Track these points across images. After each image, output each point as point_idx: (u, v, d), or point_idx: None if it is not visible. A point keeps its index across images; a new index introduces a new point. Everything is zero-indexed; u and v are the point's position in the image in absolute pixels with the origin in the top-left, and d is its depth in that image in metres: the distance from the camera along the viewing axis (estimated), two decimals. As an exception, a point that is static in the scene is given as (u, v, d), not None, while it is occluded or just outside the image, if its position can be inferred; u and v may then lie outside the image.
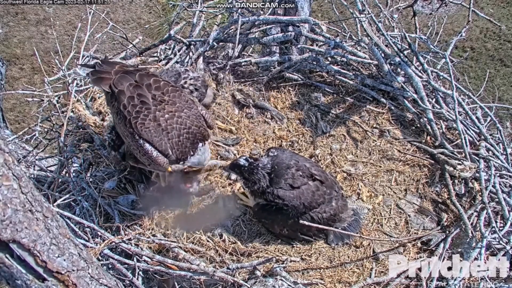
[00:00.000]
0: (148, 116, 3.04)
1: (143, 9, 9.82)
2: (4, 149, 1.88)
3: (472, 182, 3.71)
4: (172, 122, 3.07)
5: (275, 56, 4.44)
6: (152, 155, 3.02)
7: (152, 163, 3.07)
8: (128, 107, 3.05)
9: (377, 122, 4.16)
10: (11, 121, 7.52)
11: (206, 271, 2.99)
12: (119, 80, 3.13)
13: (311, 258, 3.29)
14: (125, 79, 3.14)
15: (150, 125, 3.03)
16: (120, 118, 3.10)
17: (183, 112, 3.14)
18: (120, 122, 3.13)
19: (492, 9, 9.50)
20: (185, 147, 3.11)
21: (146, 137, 3.01)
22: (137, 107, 3.04)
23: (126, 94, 3.07)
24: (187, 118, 3.14)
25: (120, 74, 3.16)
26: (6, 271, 1.98)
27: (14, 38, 9.19)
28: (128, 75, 3.17)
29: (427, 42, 4.23)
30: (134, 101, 3.05)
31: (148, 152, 3.02)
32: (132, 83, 3.12)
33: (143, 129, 3.01)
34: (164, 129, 3.04)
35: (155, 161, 3.04)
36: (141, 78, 3.16)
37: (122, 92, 3.08)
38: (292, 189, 3.20)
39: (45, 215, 2.07)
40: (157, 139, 3.03)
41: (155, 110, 3.06)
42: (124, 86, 3.10)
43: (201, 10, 4.53)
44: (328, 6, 9.25)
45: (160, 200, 3.47)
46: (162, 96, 3.12)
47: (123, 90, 3.08)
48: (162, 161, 3.06)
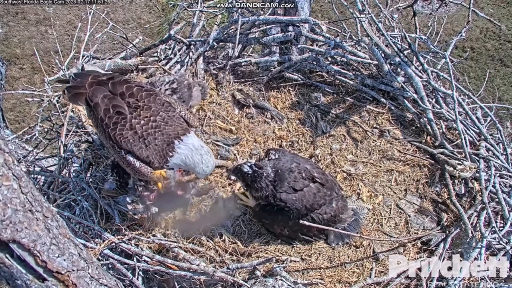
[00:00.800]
0: (125, 125, 2.96)
1: (143, 9, 9.82)
2: (4, 149, 1.88)
3: (472, 182, 3.71)
4: (147, 127, 2.98)
5: (275, 56, 4.44)
6: (135, 165, 2.95)
7: (137, 173, 3.01)
8: (105, 119, 2.97)
9: (377, 122, 4.16)
10: (11, 120, 7.52)
11: (206, 271, 2.99)
12: (93, 93, 3.05)
13: (311, 258, 3.29)
14: (99, 90, 3.06)
15: (128, 135, 2.95)
16: (100, 132, 3.06)
17: (159, 116, 3.04)
18: (101, 135, 3.09)
19: (492, 9, 9.50)
20: (162, 150, 2.99)
21: (126, 147, 2.95)
22: (113, 119, 2.97)
23: (101, 106, 3.00)
24: (162, 121, 3.03)
25: (94, 86, 3.08)
26: (6, 271, 1.98)
27: (14, 38, 9.19)
28: (101, 86, 3.09)
29: (427, 42, 4.23)
30: (110, 113, 2.98)
31: (131, 163, 2.95)
32: (107, 94, 3.04)
33: (122, 139, 2.94)
34: (140, 136, 2.96)
35: (139, 171, 2.97)
36: (114, 87, 3.08)
37: (97, 105, 3.01)
38: (294, 192, 3.21)
39: (45, 215, 2.06)
40: (136, 148, 2.95)
41: (131, 118, 2.98)
42: (98, 98, 3.02)
43: (201, 10, 4.52)
44: (328, 6, 9.25)
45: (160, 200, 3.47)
46: (136, 103, 3.03)
47: (98, 102, 3.01)
48: (145, 170, 2.98)
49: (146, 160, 2.97)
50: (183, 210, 3.53)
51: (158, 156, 2.98)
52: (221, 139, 3.97)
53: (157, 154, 2.98)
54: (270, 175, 3.20)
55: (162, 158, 2.99)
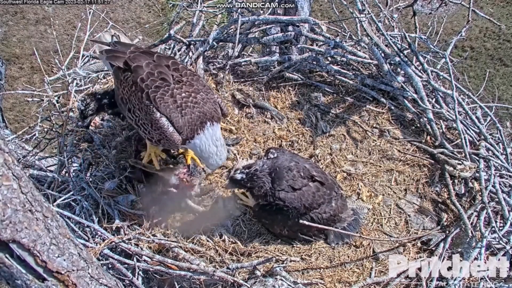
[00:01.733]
0: (167, 92, 3.05)
1: (142, 9, 9.82)
2: (4, 149, 1.88)
3: (472, 182, 3.71)
4: (187, 100, 3.07)
5: (275, 56, 4.44)
6: (168, 130, 3.01)
7: (165, 138, 3.04)
8: (146, 80, 3.06)
9: (377, 122, 4.15)
10: (10, 120, 7.52)
11: (206, 271, 2.99)
12: (135, 57, 3.18)
13: (311, 258, 3.29)
14: (143, 57, 3.19)
15: (168, 101, 3.04)
16: (135, 91, 3.10)
17: (199, 95, 3.15)
18: (133, 95, 3.12)
19: (491, 8, 9.50)
20: (195, 124, 3.07)
21: (164, 111, 3.02)
22: (156, 82, 3.07)
23: (144, 69, 3.10)
24: (202, 100, 3.14)
25: (136, 53, 3.23)
26: (6, 271, 1.98)
27: (14, 38, 9.18)
28: (145, 55, 3.23)
29: (427, 41, 4.23)
30: (154, 76, 3.08)
31: (164, 126, 3.01)
32: (151, 62, 3.16)
33: (162, 103, 3.02)
34: (179, 105, 3.05)
35: (169, 136, 3.02)
36: (159, 59, 3.21)
37: (140, 67, 3.11)
38: (293, 191, 3.20)
39: (45, 215, 2.06)
40: (174, 114, 3.03)
41: (173, 87, 3.08)
42: (142, 62, 3.13)
43: (201, 10, 4.52)
44: (328, 5, 9.25)
45: (160, 201, 3.47)
46: (180, 77, 3.16)
47: (141, 65, 3.12)
48: (176, 138, 3.04)
49: (180, 130, 3.04)
50: (183, 210, 3.53)
51: (189, 129, 3.06)
52: (221, 139, 3.97)
53: (189, 127, 3.06)
54: (264, 168, 3.19)
55: (191, 132, 3.06)
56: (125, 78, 3.18)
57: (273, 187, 3.19)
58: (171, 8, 9.01)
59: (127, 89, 3.17)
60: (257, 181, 3.17)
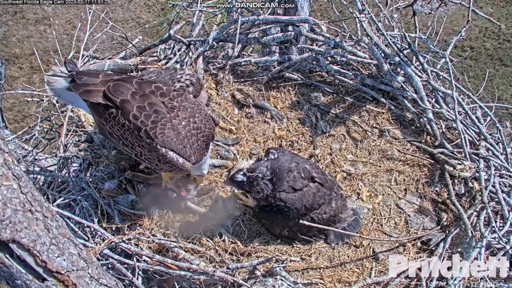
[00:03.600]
0: (166, 124, 3.02)
1: (142, 8, 9.81)
2: (4, 149, 1.88)
3: (472, 182, 3.71)
4: (190, 129, 3.13)
5: (275, 56, 4.44)
6: (178, 162, 3.07)
7: (177, 169, 3.13)
8: (140, 117, 2.94)
9: (377, 122, 4.16)
10: (10, 120, 7.52)
11: (206, 271, 2.99)
12: (116, 89, 2.96)
13: (311, 258, 3.29)
14: (123, 87, 2.99)
15: (171, 135, 3.03)
16: (128, 130, 2.98)
17: (196, 117, 3.19)
18: (127, 133, 3.00)
19: (491, 8, 9.51)
20: (202, 149, 3.21)
21: (169, 146, 3.03)
22: (151, 117, 2.97)
23: (132, 103, 2.94)
24: (201, 122, 3.21)
25: (113, 83, 2.99)
26: (6, 271, 1.98)
27: (13, 37, 9.18)
28: (124, 83, 3.02)
29: (426, 41, 4.23)
30: (146, 111, 2.96)
31: (174, 160, 3.06)
32: (135, 91, 2.99)
33: (164, 138, 3.00)
34: (184, 136, 3.09)
35: (181, 166, 3.10)
36: (141, 86, 3.05)
37: (127, 101, 2.94)
38: (294, 192, 3.20)
39: (45, 215, 2.06)
40: (180, 146, 3.07)
41: (170, 118, 3.05)
42: (126, 95, 2.95)
43: (200, 9, 4.52)
44: (328, 5, 9.25)
45: (160, 201, 3.47)
46: (171, 103, 3.10)
47: (127, 99, 2.94)
48: (188, 166, 3.13)
49: (188, 159, 3.14)
50: (183, 210, 3.52)
51: (198, 154, 3.19)
52: (221, 139, 3.97)
53: (198, 153, 3.19)
54: (266, 174, 3.19)
55: (200, 157, 3.23)
56: (111, 116, 2.99)
57: (274, 189, 3.19)
58: (171, 8, 9.01)
59: (118, 127, 3.01)
60: (257, 187, 3.18)
